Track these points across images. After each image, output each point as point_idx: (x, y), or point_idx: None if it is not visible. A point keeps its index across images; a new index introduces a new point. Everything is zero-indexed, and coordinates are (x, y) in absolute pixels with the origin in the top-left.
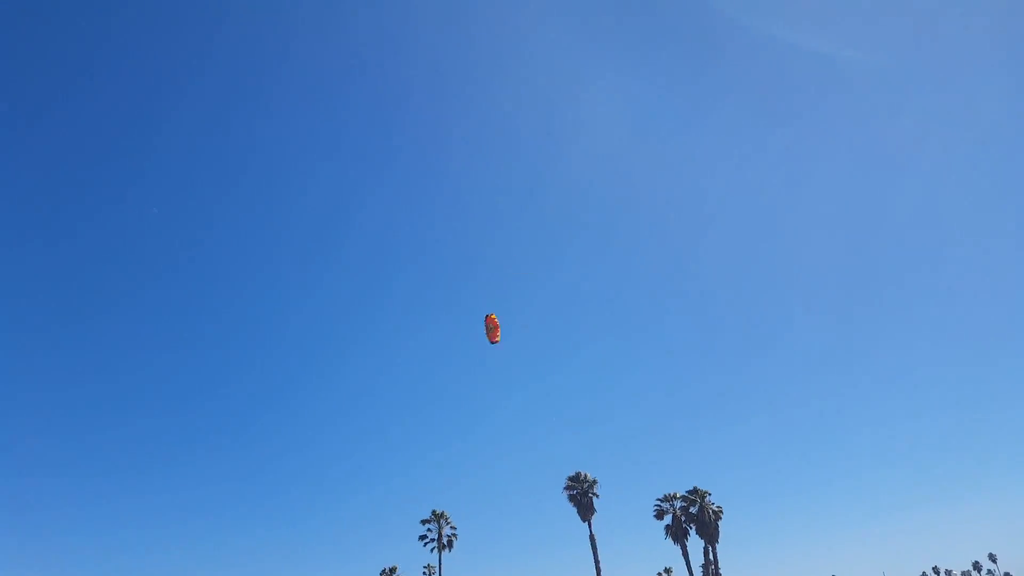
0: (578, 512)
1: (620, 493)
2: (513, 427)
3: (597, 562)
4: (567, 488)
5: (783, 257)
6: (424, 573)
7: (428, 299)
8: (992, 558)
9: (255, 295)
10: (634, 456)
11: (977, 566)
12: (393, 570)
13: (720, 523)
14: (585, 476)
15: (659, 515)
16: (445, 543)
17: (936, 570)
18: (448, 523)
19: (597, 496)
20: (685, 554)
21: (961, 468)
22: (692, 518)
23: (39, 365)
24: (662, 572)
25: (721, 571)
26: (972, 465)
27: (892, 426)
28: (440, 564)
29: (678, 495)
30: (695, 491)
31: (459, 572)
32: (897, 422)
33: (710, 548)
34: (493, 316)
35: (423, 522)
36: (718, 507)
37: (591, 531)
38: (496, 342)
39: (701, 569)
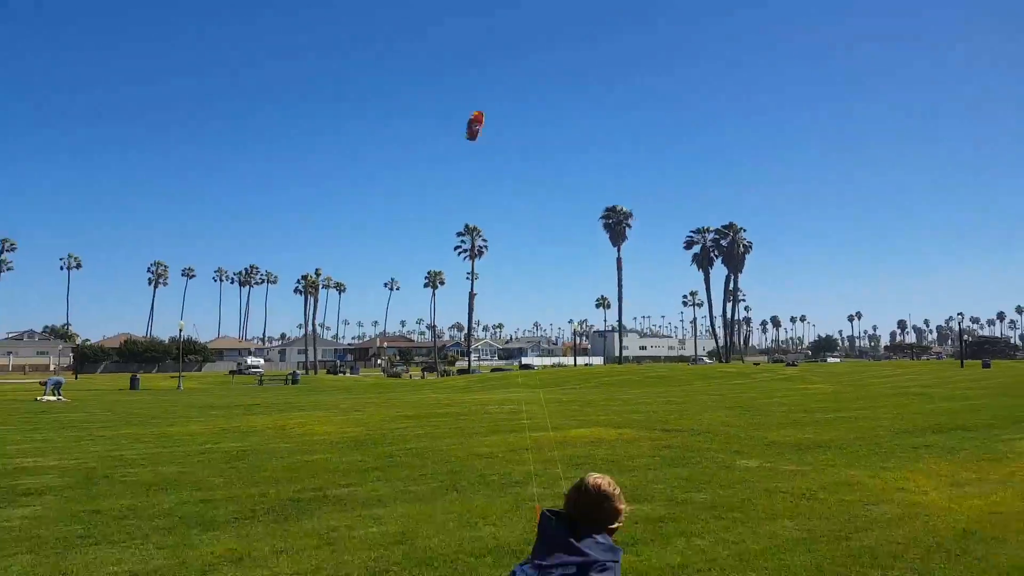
0: (610, 238)
1: (652, 229)
2: (554, 159)
3: (620, 279)
4: (603, 217)
5: None
6: (467, 277)
7: None
8: (1019, 310)
9: None
10: (667, 196)
11: (1001, 316)
12: (439, 273)
13: (748, 257)
14: (621, 208)
15: (688, 245)
16: (476, 252)
17: (961, 316)
18: (480, 236)
19: (630, 227)
20: (707, 280)
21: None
22: (720, 250)
23: None
24: (687, 295)
25: (744, 297)
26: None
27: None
28: (472, 270)
29: (711, 228)
30: (730, 226)
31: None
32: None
33: (733, 276)
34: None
35: (458, 234)
36: (748, 242)
37: (619, 255)
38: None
39: (723, 295)
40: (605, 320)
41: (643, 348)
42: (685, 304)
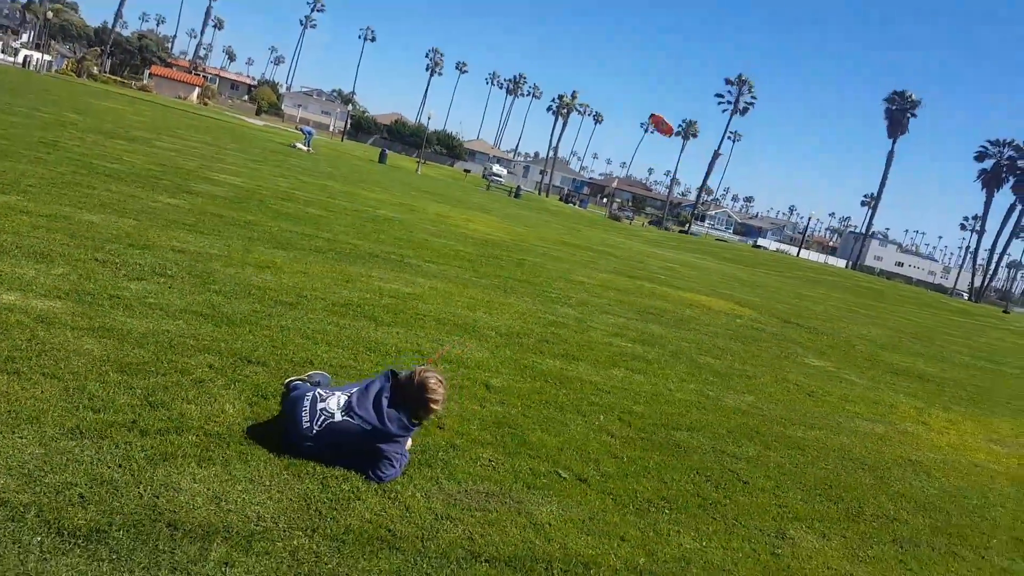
0: (888, 127)
1: (940, 131)
2: (842, 24)
3: (885, 176)
4: (886, 100)
5: None
6: (729, 137)
7: None
8: None
9: None
10: (966, 93)
11: None
12: (693, 124)
13: None
14: (909, 95)
15: (980, 157)
16: (740, 109)
17: None
18: (750, 91)
19: (915, 116)
20: (987, 204)
21: None
22: (1016, 172)
23: None
24: (968, 218)
25: None
26: None
27: None
28: (727, 127)
29: (1013, 142)
30: None
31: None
32: None
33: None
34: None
35: (726, 81)
36: None
37: (892, 148)
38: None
39: (1010, 227)
40: (869, 222)
41: (899, 264)
42: (963, 228)
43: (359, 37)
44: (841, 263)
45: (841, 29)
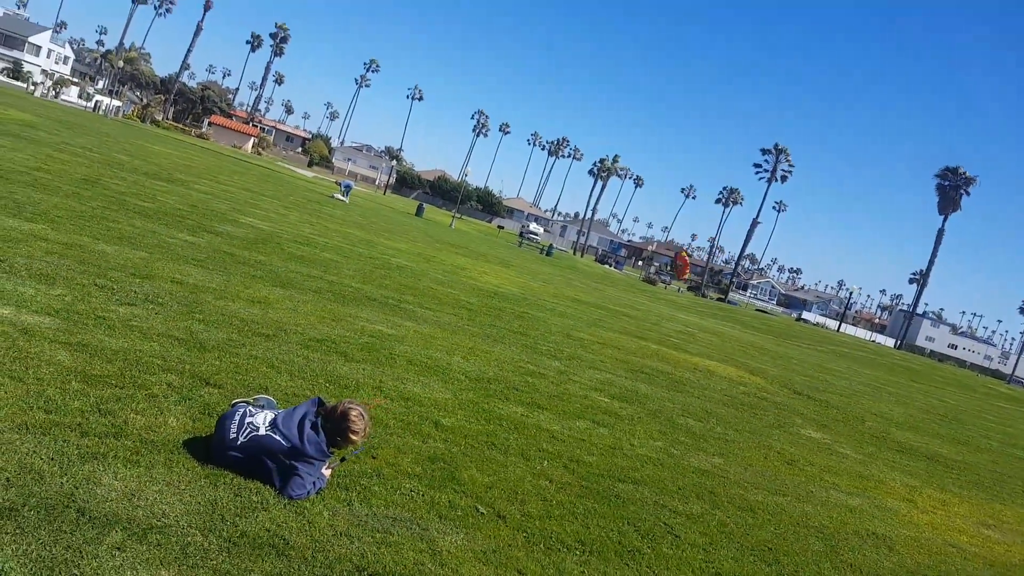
0: (938, 203)
1: (997, 206)
2: (884, 93)
3: (935, 255)
4: (937, 176)
5: None
6: (775, 207)
7: None
8: None
9: None
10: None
11: None
12: (735, 191)
13: None
14: (962, 171)
15: None
16: (779, 177)
17: None
18: (786, 159)
19: (967, 194)
20: None
21: None
22: None
23: None
24: None
25: None
26: None
27: None
28: (765, 194)
29: None
30: None
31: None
32: None
33: None
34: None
35: (762, 151)
36: None
37: (943, 225)
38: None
39: None
40: (916, 300)
41: (952, 347)
42: (1023, 312)
43: (407, 97)
44: (890, 342)
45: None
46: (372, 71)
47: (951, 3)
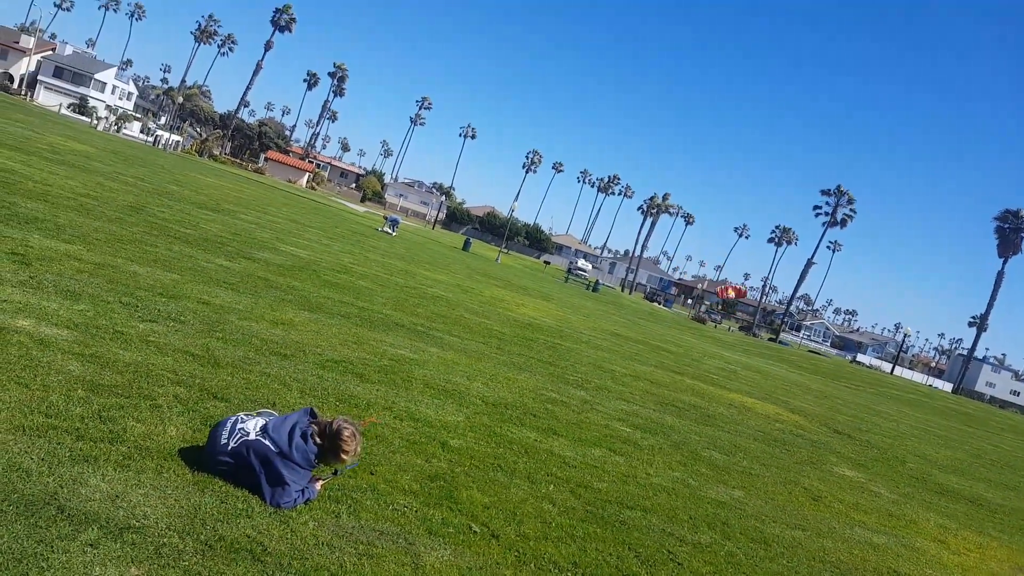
0: (998, 246)
1: None
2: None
3: (994, 297)
4: (997, 219)
5: None
6: (829, 247)
7: None
8: None
9: None
10: None
11: None
12: (788, 231)
13: None
14: (1023, 215)
15: None
16: (838, 221)
17: None
18: (848, 202)
19: None
20: None
21: None
22: None
23: None
24: None
25: None
26: None
27: None
28: (822, 236)
29: None
30: None
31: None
32: None
33: None
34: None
35: (822, 193)
36: None
37: (1002, 268)
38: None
39: None
40: (974, 345)
41: (1015, 393)
42: None
43: (460, 135)
44: (947, 387)
45: (950, 143)
46: (425, 108)
47: (1015, 44)
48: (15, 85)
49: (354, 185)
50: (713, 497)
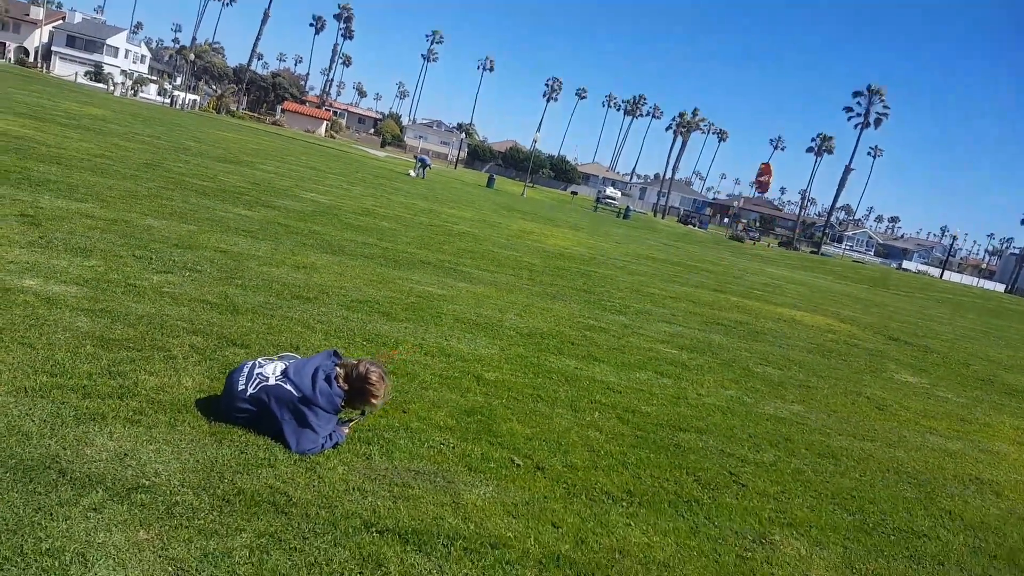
0: None
1: None
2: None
3: None
4: None
5: None
6: (869, 153)
7: None
8: None
9: None
10: None
11: None
12: (829, 139)
13: None
14: None
15: None
16: (871, 122)
17: None
18: (881, 100)
19: None
20: None
21: None
22: None
23: None
24: None
25: None
26: None
27: None
28: (858, 140)
29: None
30: None
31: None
32: None
33: None
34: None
35: (854, 94)
36: None
37: None
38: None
39: None
40: None
41: None
42: None
43: (478, 68)
44: (999, 288)
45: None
46: (437, 43)
47: None
48: (31, 59)
49: (372, 130)
50: (771, 413)
